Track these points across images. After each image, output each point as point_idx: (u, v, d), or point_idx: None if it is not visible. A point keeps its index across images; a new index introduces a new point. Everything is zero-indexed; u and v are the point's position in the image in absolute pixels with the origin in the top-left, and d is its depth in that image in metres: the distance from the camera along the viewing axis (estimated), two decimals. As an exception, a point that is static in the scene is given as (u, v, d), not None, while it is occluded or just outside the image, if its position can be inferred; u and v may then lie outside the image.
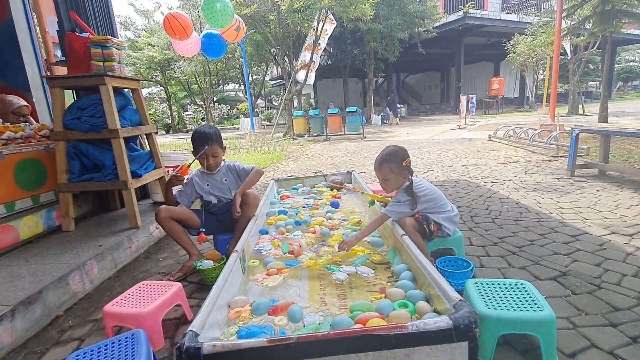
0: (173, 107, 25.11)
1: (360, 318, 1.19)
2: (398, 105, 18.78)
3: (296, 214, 2.52)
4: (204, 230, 2.13)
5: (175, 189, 2.19)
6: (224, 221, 2.22)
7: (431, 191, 1.90)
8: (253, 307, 1.33)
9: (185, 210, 2.17)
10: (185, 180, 2.19)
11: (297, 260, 1.80)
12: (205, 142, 2.09)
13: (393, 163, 1.87)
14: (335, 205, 2.66)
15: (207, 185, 2.22)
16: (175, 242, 2.19)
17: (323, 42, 10.93)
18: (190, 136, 2.21)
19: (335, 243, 1.91)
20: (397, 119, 15.89)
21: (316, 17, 10.52)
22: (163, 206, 2.09)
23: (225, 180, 2.24)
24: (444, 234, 1.89)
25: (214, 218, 2.22)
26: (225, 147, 2.26)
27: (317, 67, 11.66)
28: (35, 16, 3.33)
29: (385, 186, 1.97)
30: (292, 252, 1.86)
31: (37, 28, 3.33)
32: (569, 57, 11.92)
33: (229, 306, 1.34)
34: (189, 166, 2.21)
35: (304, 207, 2.72)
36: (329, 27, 10.71)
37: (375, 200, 2.25)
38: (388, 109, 16.59)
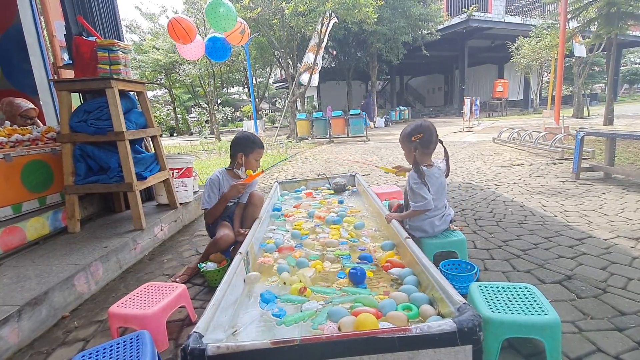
0: (177, 110, 25.28)
1: (356, 311, 1.20)
2: (399, 108, 18.79)
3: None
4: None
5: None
6: (230, 215, 2.27)
7: (438, 185, 1.94)
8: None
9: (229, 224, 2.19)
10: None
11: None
12: (263, 147, 2.15)
13: (403, 136, 2.02)
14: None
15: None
16: (201, 249, 2.21)
17: (325, 38, 10.95)
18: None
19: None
20: (373, 123, 15.80)
21: (320, 20, 10.57)
22: (230, 234, 2.04)
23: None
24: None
25: (224, 215, 2.26)
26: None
27: (319, 68, 11.69)
28: (43, 20, 3.38)
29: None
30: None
31: (45, 32, 3.38)
32: (584, 56, 11.77)
33: (244, 281, 1.50)
34: (262, 171, 2.15)
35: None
36: (330, 23, 10.76)
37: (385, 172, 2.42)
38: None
